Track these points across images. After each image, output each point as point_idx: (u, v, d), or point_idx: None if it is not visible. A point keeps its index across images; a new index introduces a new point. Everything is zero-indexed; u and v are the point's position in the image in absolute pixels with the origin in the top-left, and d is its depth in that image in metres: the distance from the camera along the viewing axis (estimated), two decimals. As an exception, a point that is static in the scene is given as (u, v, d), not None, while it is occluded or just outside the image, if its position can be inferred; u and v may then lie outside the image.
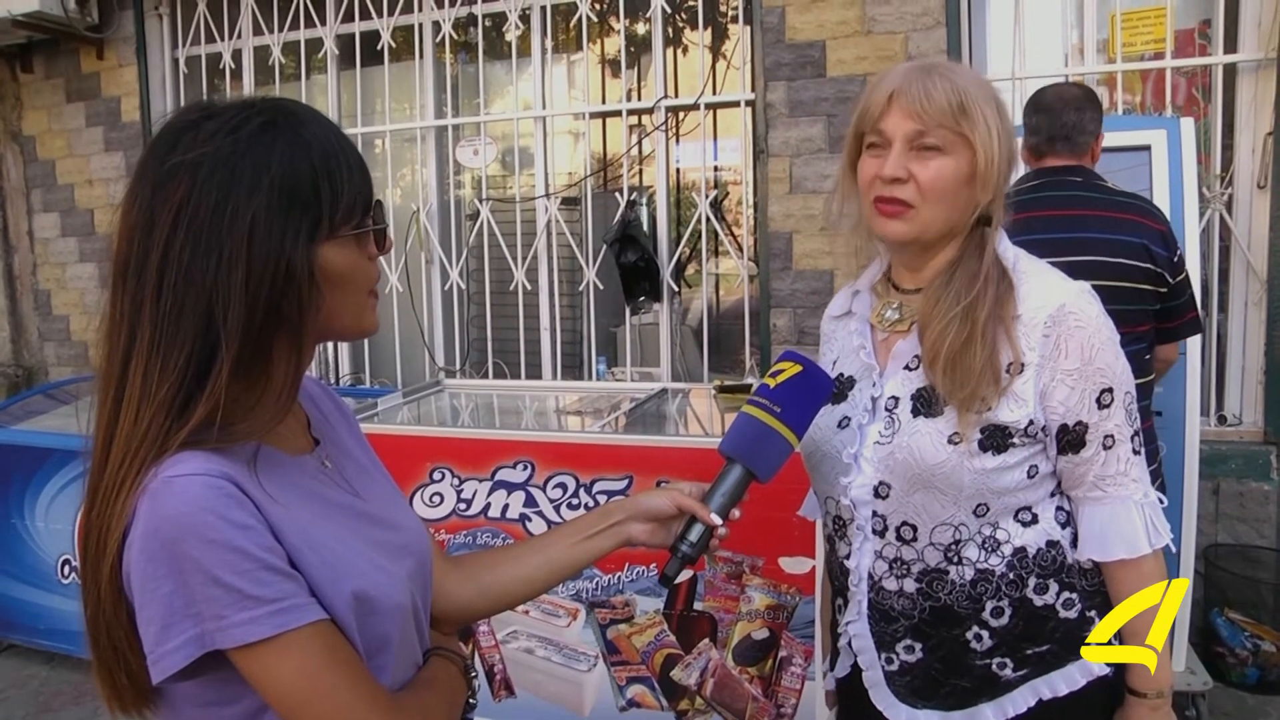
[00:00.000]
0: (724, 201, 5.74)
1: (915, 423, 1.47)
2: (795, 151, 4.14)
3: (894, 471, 1.48)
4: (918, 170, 1.43)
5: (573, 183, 4.92)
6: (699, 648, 2.76)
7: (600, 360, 4.91)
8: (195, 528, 0.91)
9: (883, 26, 3.98)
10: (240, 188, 0.98)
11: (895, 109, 1.45)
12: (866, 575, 1.55)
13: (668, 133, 4.62)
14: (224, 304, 0.97)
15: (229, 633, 0.92)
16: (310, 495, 1.08)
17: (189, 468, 0.94)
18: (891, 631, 1.54)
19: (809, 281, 4.17)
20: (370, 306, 1.12)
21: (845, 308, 1.66)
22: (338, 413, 1.30)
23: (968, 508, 1.47)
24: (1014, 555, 1.49)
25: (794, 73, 4.12)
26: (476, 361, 5.06)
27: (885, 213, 1.46)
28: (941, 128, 1.43)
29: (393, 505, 1.22)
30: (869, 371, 1.55)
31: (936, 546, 1.49)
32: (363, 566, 1.05)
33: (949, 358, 1.43)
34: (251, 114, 1.02)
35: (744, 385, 3.55)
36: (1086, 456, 1.47)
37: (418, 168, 5.07)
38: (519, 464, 2.84)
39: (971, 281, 1.48)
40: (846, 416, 1.55)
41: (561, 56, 5.25)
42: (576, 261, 4.74)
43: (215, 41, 5.29)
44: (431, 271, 5.03)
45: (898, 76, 1.47)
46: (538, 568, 1.36)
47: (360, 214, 1.07)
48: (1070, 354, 1.43)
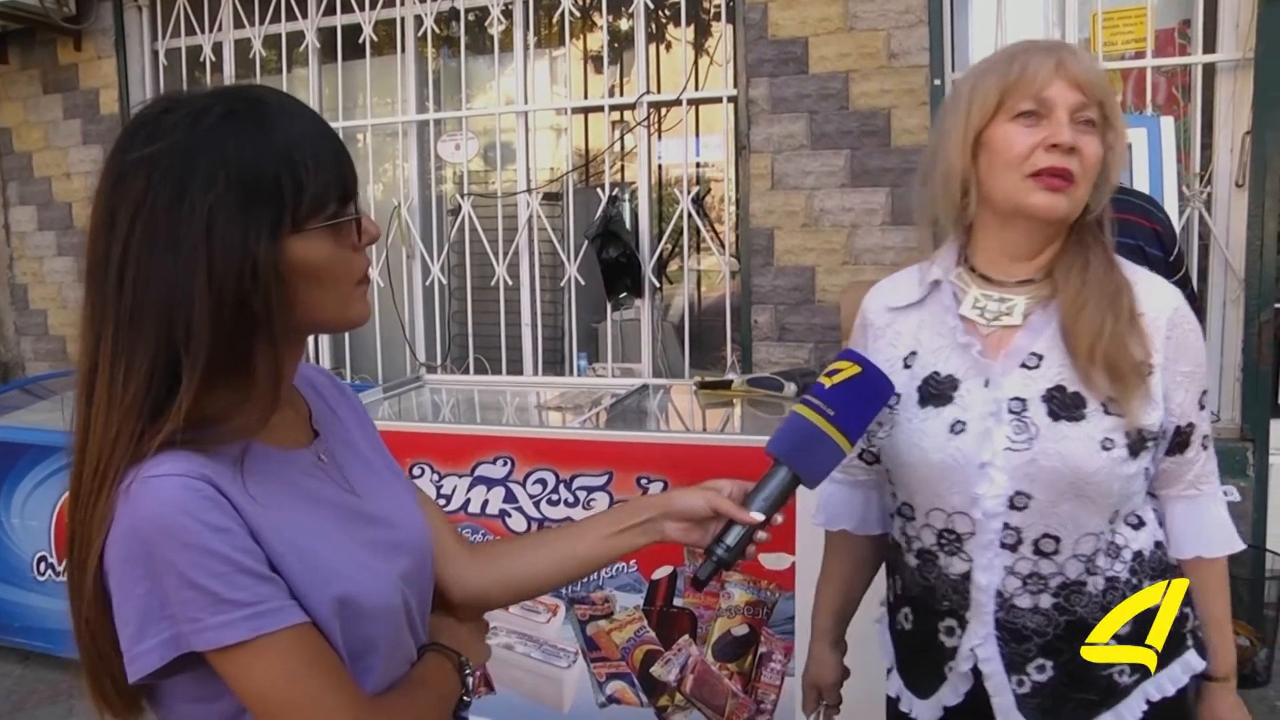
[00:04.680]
0: (706, 198, 5.73)
1: (1058, 427, 1.37)
2: (777, 148, 4.14)
3: (1036, 481, 1.37)
4: (1081, 143, 1.34)
5: (555, 178, 4.91)
6: (679, 644, 2.76)
7: (581, 356, 4.90)
8: (171, 530, 0.90)
9: (865, 24, 3.98)
10: (195, 182, 0.95)
11: (1061, 78, 1.35)
12: (995, 593, 1.42)
13: (650, 129, 4.61)
14: (186, 303, 0.94)
15: (203, 635, 0.92)
16: (300, 493, 1.06)
17: (167, 469, 0.92)
18: (1023, 651, 1.43)
19: (790, 278, 4.17)
20: (357, 297, 1.08)
21: (914, 297, 1.53)
22: (346, 405, 1.27)
23: (1107, 515, 1.41)
24: (1133, 559, 1.45)
25: (776, 69, 4.12)
26: (458, 357, 5.04)
27: (1053, 186, 1.35)
28: (1098, 105, 1.36)
29: (392, 501, 1.19)
30: (980, 370, 1.43)
31: (1079, 558, 1.41)
32: (349, 568, 1.03)
33: (1106, 355, 1.35)
34: (214, 104, 0.99)
35: (725, 381, 3.55)
36: (1190, 457, 1.46)
37: (399, 162, 5.05)
38: (499, 459, 2.83)
39: (1109, 272, 1.41)
40: (960, 420, 1.42)
41: (544, 52, 5.23)
42: (558, 257, 4.72)
43: (196, 34, 5.25)
44: (413, 266, 5.01)
45: (1050, 46, 1.39)
46: (560, 561, 1.31)
47: (337, 204, 1.03)
48: (1186, 357, 1.41)
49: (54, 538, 3.85)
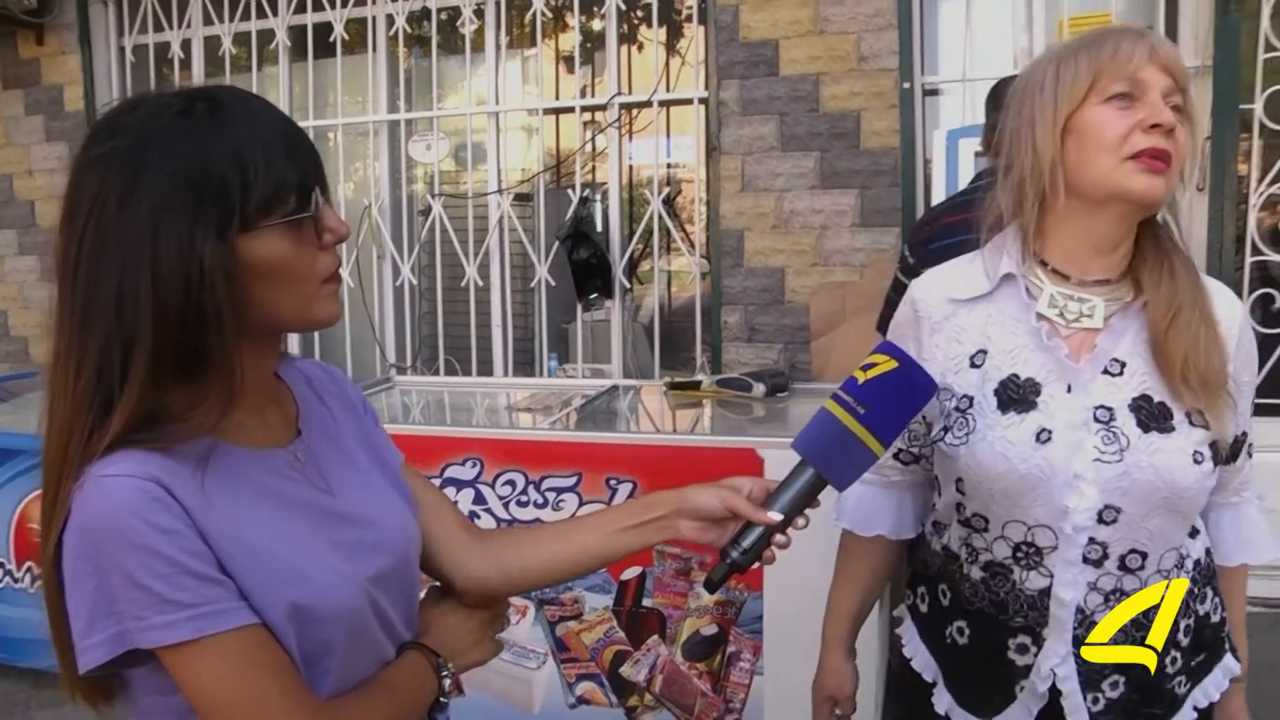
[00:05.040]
0: (676, 199, 5.75)
1: (1150, 439, 1.30)
2: (748, 150, 4.15)
3: (1128, 494, 1.30)
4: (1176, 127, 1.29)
5: (526, 179, 4.90)
6: (648, 644, 2.77)
7: (552, 357, 4.90)
8: (118, 529, 0.91)
9: (835, 26, 4.00)
10: (143, 181, 0.95)
11: (1154, 62, 1.29)
12: (1075, 609, 1.35)
13: (621, 130, 4.62)
14: (131, 301, 0.94)
15: (147, 634, 0.93)
16: (267, 493, 1.05)
17: (119, 468, 0.93)
18: (1099, 669, 1.36)
19: (760, 279, 4.18)
20: (323, 296, 1.06)
21: (983, 289, 1.42)
22: (342, 401, 1.25)
23: (1188, 528, 1.38)
24: (1194, 568, 1.40)
25: (747, 71, 4.14)
26: (428, 358, 5.03)
27: (1154, 168, 1.28)
28: (1184, 92, 1.31)
29: (373, 500, 1.17)
30: (1064, 374, 1.35)
31: (1163, 572, 1.35)
32: (309, 570, 1.02)
33: (1198, 367, 1.30)
34: (173, 103, 0.99)
35: (695, 382, 3.55)
36: (1239, 465, 1.43)
37: (370, 162, 5.02)
38: (468, 461, 2.82)
39: (1191, 275, 1.35)
40: (1045, 429, 1.33)
41: (516, 52, 5.23)
42: (529, 258, 4.72)
43: (164, 30, 5.19)
44: (383, 267, 4.99)
45: (1139, 30, 1.33)
46: (567, 554, 1.28)
47: (296, 202, 1.01)
48: (1249, 366, 1.40)
49: (12, 544, 3.78)
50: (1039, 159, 1.34)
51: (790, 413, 3.27)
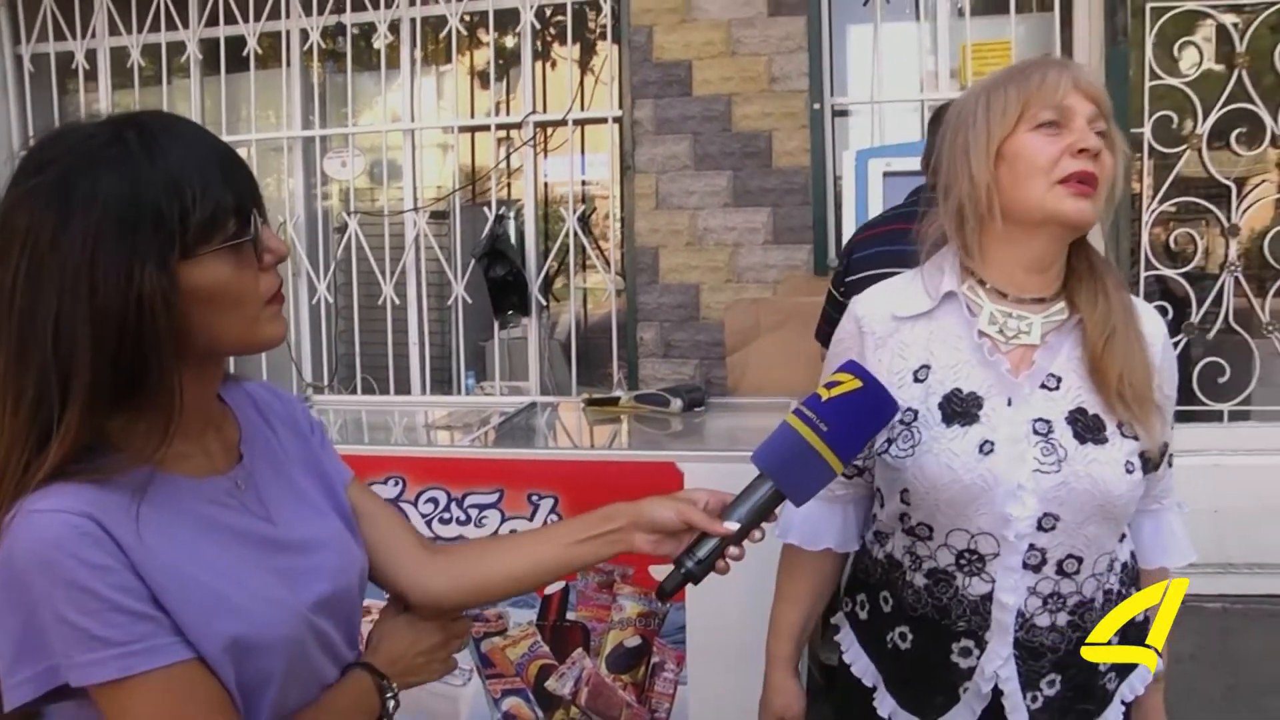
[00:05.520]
0: (591, 216, 5.80)
1: (1086, 450, 1.37)
2: (662, 168, 4.22)
3: (1065, 503, 1.37)
4: (1101, 151, 1.36)
5: (441, 196, 4.91)
6: (572, 657, 2.79)
7: (469, 374, 4.91)
8: (47, 565, 0.90)
9: (747, 49, 4.10)
10: (76, 213, 0.94)
11: (1078, 90, 1.36)
12: (1016, 613, 1.42)
13: (536, 148, 4.65)
14: (68, 334, 0.93)
15: (74, 671, 0.92)
16: (204, 524, 1.04)
17: (50, 503, 0.92)
18: (1038, 668, 1.43)
19: (675, 295, 4.25)
20: (267, 317, 1.07)
21: (924, 307, 1.48)
22: (288, 423, 1.24)
23: (1119, 534, 1.46)
24: (1122, 570, 1.49)
25: (661, 91, 4.21)
26: (345, 377, 4.99)
27: (1081, 191, 1.34)
28: (1107, 119, 1.38)
29: (315, 526, 1.17)
30: (1005, 388, 1.41)
31: (1096, 577, 1.43)
32: (247, 602, 1.01)
33: (1133, 382, 1.37)
34: (100, 132, 0.98)
35: (613, 398, 3.60)
36: (1159, 475, 1.49)
37: (284, 178, 4.97)
38: (390, 479, 2.82)
39: (1124, 295, 1.42)
40: (989, 441, 1.39)
41: (430, 68, 5.22)
42: (445, 275, 4.73)
43: (66, 39, 4.98)
44: (299, 285, 4.93)
45: (1061, 60, 1.41)
46: (524, 566, 1.28)
47: (236, 226, 1.01)
48: (1171, 380, 1.46)
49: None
50: (975, 185, 1.40)
51: (708, 427, 3.34)
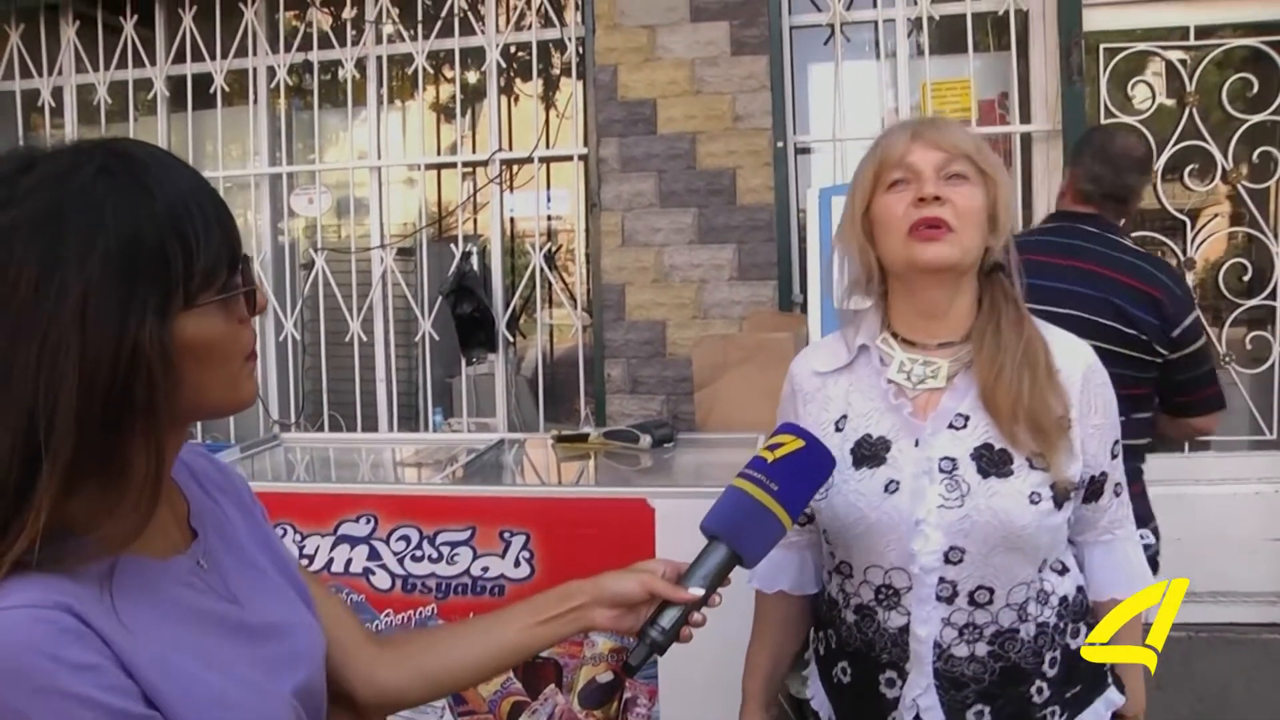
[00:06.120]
0: (558, 252, 5.84)
1: (989, 484, 1.43)
2: (627, 206, 4.27)
3: (970, 536, 1.43)
4: (950, 194, 1.43)
5: (408, 234, 4.93)
6: (545, 693, 2.80)
7: (436, 411, 4.90)
8: (20, 673, 0.77)
9: (711, 87, 4.16)
10: (67, 255, 0.81)
11: (919, 144, 1.47)
12: (933, 644, 1.47)
13: (501, 185, 4.69)
14: (49, 399, 0.80)
15: None
16: (179, 609, 0.93)
17: (16, 599, 0.79)
18: (961, 698, 1.48)
19: (642, 332, 4.29)
20: (246, 374, 0.96)
21: (842, 361, 1.58)
22: (230, 493, 1.13)
23: (1036, 565, 1.49)
24: (1060, 604, 1.52)
25: (626, 129, 4.26)
26: (312, 414, 4.97)
27: (927, 236, 1.43)
28: (965, 158, 1.46)
29: (279, 606, 1.07)
30: (910, 431, 1.49)
31: (1012, 607, 1.47)
32: (238, 695, 0.92)
33: (1028, 414, 1.42)
34: (82, 160, 0.85)
35: (582, 435, 3.62)
36: (1103, 505, 1.56)
37: (251, 215, 4.96)
38: (362, 517, 2.83)
39: (1018, 328, 1.48)
40: (893, 480, 1.47)
41: (397, 105, 5.26)
42: (412, 312, 4.74)
43: (32, 77, 4.95)
44: (265, 322, 4.92)
45: (909, 122, 1.51)
46: (485, 652, 1.23)
47: (227, 274, 0.92)
48: (1098, 409, 1.51)
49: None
50: (858, 250, 1.54)
51: (677, 463, 3.37)
